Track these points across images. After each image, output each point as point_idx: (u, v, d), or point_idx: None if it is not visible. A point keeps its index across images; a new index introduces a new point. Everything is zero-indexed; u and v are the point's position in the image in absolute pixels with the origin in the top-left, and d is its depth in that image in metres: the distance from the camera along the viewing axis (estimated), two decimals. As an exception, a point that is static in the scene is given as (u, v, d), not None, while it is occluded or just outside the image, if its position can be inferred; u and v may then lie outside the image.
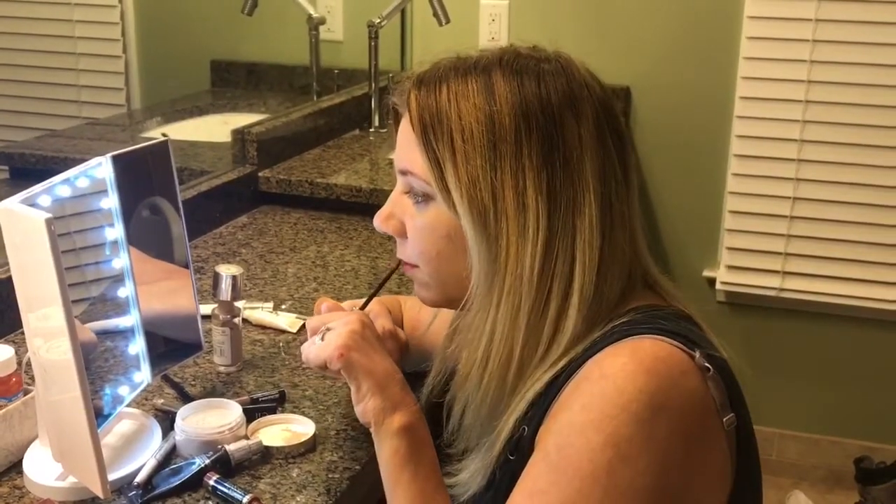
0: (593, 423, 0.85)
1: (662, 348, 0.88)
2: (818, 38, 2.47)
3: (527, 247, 0.92)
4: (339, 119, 2.44)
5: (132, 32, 2.41)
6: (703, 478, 0.89)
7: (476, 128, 0.92)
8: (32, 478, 1.06)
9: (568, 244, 0.92)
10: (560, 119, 0.92)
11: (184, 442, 1.11)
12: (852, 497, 2.57)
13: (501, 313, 0.93)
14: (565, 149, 0.92)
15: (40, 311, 0.99)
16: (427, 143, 0.94)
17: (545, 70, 0.94)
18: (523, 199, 0.91)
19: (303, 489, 1.07)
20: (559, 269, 0.92)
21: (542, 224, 0.91)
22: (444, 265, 0.99)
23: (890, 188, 2.52)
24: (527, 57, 0.96)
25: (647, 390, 0.85)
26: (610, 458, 0.84)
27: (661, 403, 0.85)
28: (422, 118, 0.95)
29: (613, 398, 0.85)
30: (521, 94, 0.92)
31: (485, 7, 2.72)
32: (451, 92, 0.94)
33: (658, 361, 0.87)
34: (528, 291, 0.92)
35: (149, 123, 2.47)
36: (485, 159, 0.91)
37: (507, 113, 0.92)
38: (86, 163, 1.07)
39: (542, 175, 0.91)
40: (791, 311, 2.69)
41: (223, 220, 1.93)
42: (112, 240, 1.09)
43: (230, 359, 1.32)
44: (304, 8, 2.52)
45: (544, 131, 0.92)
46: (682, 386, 0.87)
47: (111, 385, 1.11)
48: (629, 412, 0.84)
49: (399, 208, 1.02)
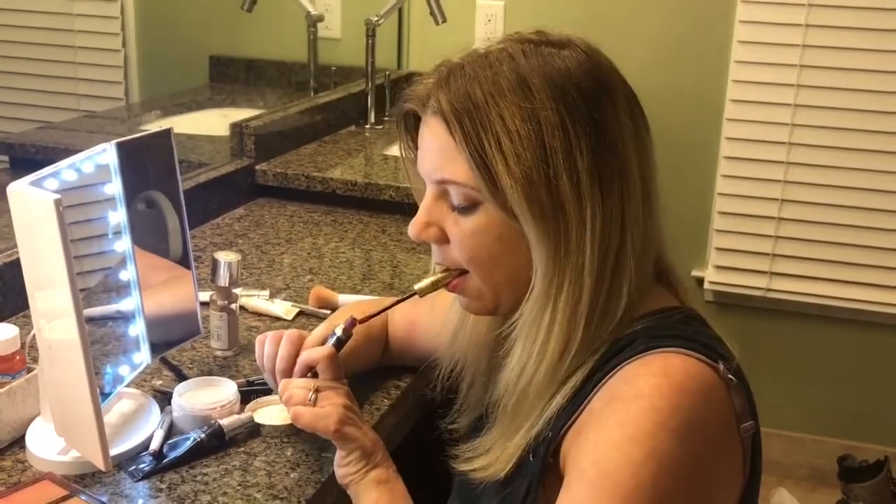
0: (632, 438, 0.86)
1: (692, 365, 0.90)
2: (808, 42, 2.52)
3: (586, 235, 0.91)
4: (336, 115, 2.47)
5: (132, 27, 2.44)
6: (723, 482, 0.92)
7: (521, 126, 0.90)
8: (35, 452, 1.09)
9: (618, 231, 0.93)
10: (598, 103, 0.92)
11: (180, 417, 1.15)
12: (835, 495, 2.61)
13: (562, 305, 0.92)
14: (609, 133, 0.92)
15: (47, 291, 1.02)
16: (473, 148, 0.91)
17: (568, 56, 0.94)
18: (578, 189, 0.91)
19: (297, 467, 1.11)
20: (611, 258, 0.93)
21: (598, 212, 0.91)
22: (498, 268, 0.97)
23: (877, 191, 2.56)
24: (546, 44, 0.95)
25: (683, 408, 0.87)
26: (653, 471, 0.85)
27: (697, 420, 0.87)
28: (461, 124, 0.92)
29: (651, 416, 0.86)
30: (556, 84, 0.91)
31: (481, 7, 2.76)
32: (485, 93, 0.91)
33: (690, 380, 0.89)
34: (589, 281, 0.92)
35: (147, 117, 2.50)
36: (536, 156, 0.90)
37: (549, 105, 0.90)
38: (91, 149, 1.11)
39: (593, 163, 0.91)
40: (778, 311, 2.74)
41: (221, 211, 1.96)
42: (115, 224, 1.13)
43: (227, 343, 1.35)
44: (303, 5, 2.55)
45: (587, 116, 0.91)
46: (712, 400, 0.89)
47: (112, 365, 1.14)
48: (668, 429, 0.86)
49: (435, 216, 0.99)
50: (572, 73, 0.92)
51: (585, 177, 0.91)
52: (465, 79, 0.93)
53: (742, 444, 0.93)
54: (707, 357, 0.91)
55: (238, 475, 1.09)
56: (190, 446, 1.11)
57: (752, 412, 0.94)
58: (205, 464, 1.11)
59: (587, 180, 0.91)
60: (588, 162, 0.91)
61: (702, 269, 2.76)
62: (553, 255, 0.92)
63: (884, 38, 2.47)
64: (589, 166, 0.91)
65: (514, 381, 0.96)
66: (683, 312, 0.98)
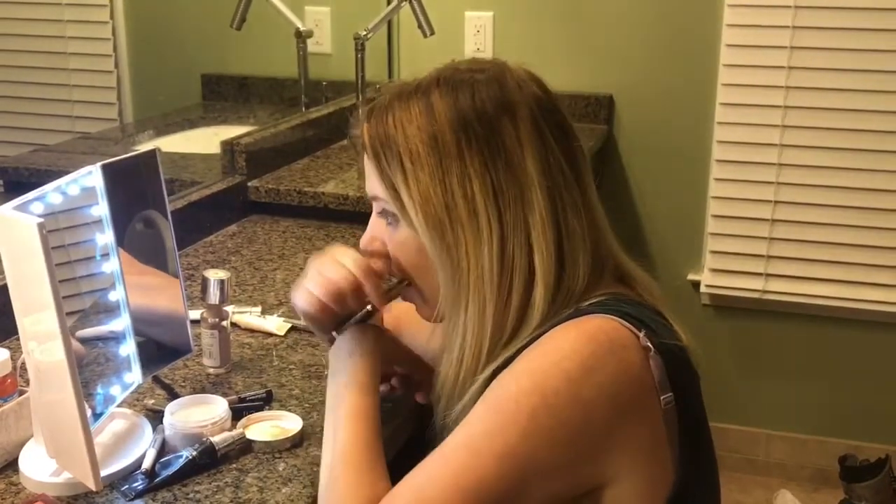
0: (526, 371, 0.94)
1: (609, 323, 0.96)
2: (796, 44, 2.53)
3: (483, 249, 0.98)
4: (328, 130, 2.49)
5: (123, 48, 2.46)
6: (625, 451, 0.93)
7: (421, 148, 0.99)
8: (28, 474, 1.10)
9: (523, 239, 0.99)
10: (496, 124, 0.99)
11: (172, 436, 1.16)
12: (838, 495, 2.61)
13: (469, 314, 1.01)
14: (505, 151, 0.98)
15: (34, 315, 1.03)
16: (381, 169, 1.02)
17: (479, 80, 1.01)
18: (473, 204, 0.98)
19: (288, 482, 1.11)
20: (518, 263, 0.99)
21: (493, 225, 0.98)
22: (426, 277, 1.05)
23: (869, 190, 2.57)
24: (462, 71, 1.03)
25: (582, 352, 0.92)
26: (535, 403, 0.91)
27: (592, 366, 0.92)
28: (374, 147, 1.02)
29: (550, 354, 0.94)
30: (456, 108, 0.99)
31: (470, 19, 2.77)
32: (395, 119, 1.01)
33: (600, 332, 0.94)
34: (490, 290, 0.99)
35: (141, 137, 2.51)
36: (432, 176, 0.99)
37: (447, 128, 0.99)
38: (76, 171, 1.12)
39: (487, 179, 0.98)
40: (775, 312, 2.74)
41: (213, 228, 1.97)
42: (102, 245, 1.14)
43: (219, 361, 1.36)
44: (293, 21, 2.57)
45: (483, 139, 0.98)
46: (619, 356, 0.93)
47: (103, 385, 1.15)
48: (560, 368, 0.92)
49: (378, 230, 1.09)
50: (475, 96, 1.00)
51: (480, 196, 0.98)
52: (384, 107, 1.03)
53: (665, 422, 0.95)
54: (631, 325, 0.95)
55: (230, 492, 1.10)
56: (182, 464, 1.11)
57: (677, 391, 0.95)
58: (197, 481, 1.11)
59: (482, 199, 0.98)
60: (482, 179, 0.98)
61: (698, 273, 2.77)
62: (455, 268, 1.00)
63: (871, 37, 2.48)
64: (483, 183, 0.98)
65: (443, 385, 1.05)
66: (638, 300, 1.02)
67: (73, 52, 2.43)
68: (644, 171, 2.76)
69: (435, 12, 2.51)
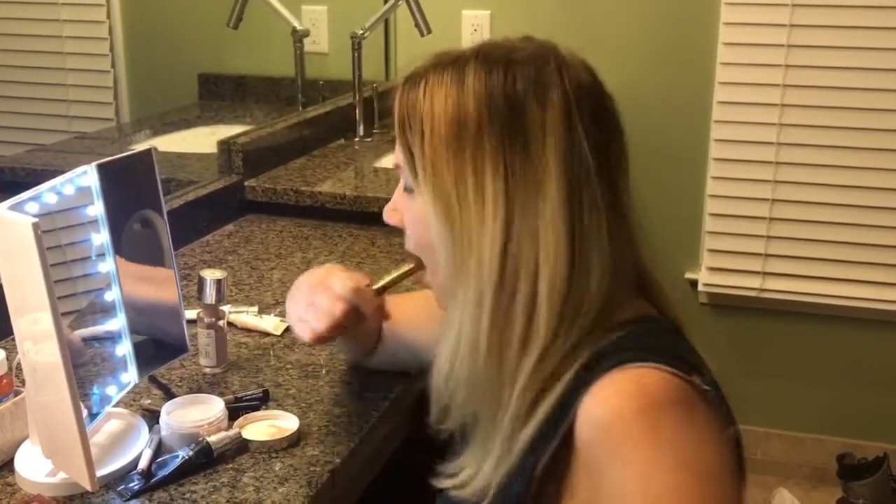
0: (645, 479, 0.86)
1: (667, 381, 0.89)
2: (793, 42, 2.53)
3: (485, 231, 0.92)
4: (325, 129, 2.48)
5: (120, 47, 2.45)
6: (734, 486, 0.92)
7: (444, 119, 0.94)
8: (24, 475, 1.10)
9: (529, 229, 0.92)
10: (522, 106, 0.93)
11: (168, 436, 1.16)
12: (836, 493, 2.61)
13: (465, 302, 0.94)
14: (525, 134, 0.92)
15: (30, 316, 1.03)
16: (402, 135, 0.97)
17: (516, 59, 0.95)
18: (482, 184, 0.92)
19: (285, 482, 1.11)
20: (522, 254, 0.92)
21: (499, 209, 0.92)
22: (432, 258, 1.00)
23: (866, 188, 2.57)
24: (503, 47, 0.98)
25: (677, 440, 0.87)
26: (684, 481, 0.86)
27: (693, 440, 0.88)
28: (400, 114, 0.97)
29: (647, 452, 0.86)
30: (486, 84, 0.94)
31: (467, 17, 2.77)
32: (427, 87, 0.96)
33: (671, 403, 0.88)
34: (489, 278, 0.92)
35: (137, 136, 2.51)
36: (448, 147, 0.94)
37: (472, 103, 0.93)
38: (72, 171, 1.11)
39: (500, 159, 0.92)
40: (772, 311, 2.74)
41: (210, 228, 1.97)
42: (98, 245, 1.13)
43: (215, 360, 1.36)
44: (289, 21, 2.56)
45: (505, 119, 0.93)
46: (697, 412, 0.89)
47: (99, 385, 1.15)
48: (677, 464, 0.86)
49: (400, 203, 1.05)
50: (507, 74, 0.94)
51: (490, 176, 0.92)
52: (419, 74, 0.98)
53: (730, 450, 0.93)
54: (681, 371, 0.90)
55: (226, 492, 1.09)
56: (178, 464, 1.11)
57: (730, 418, 0.94)
58: (193, 481, 1.11)
59: (491, 176, 0.92)
60: (495, 159, 0.92)
61: (695, 272, 2.76)
62: (455, 248, 0.94)
63: (868, 35, 2.48)
64: (495, 163, 0.92)
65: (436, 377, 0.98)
66: (652, 323, 0.98)
67: (70, 52, 2.43)
68: (641, 168, 2.73)
69: (432, 11, 2.51)
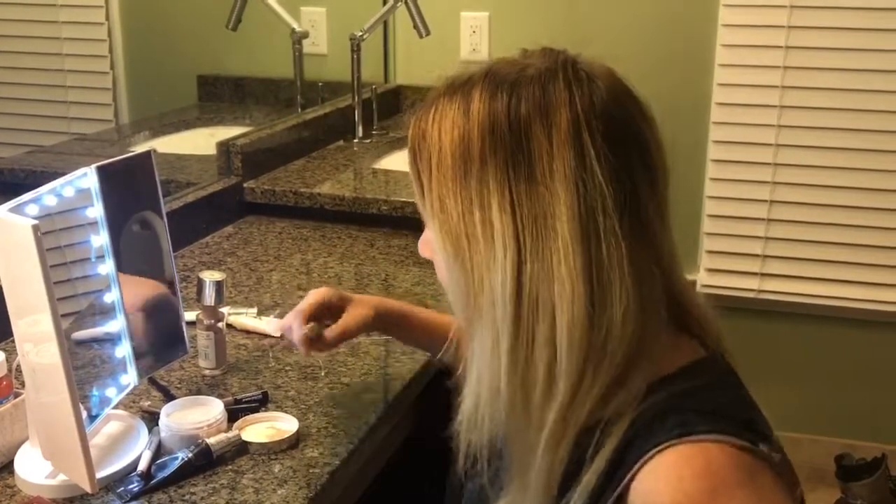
0: None
1: (732, 456, 0.85)
2: (791, 44, 2.53)
3: (496, 269, 0.85)
4: (324, 130, 2.49)
5: (119, 49, 2.45)
6: None
7: (449, 150, 0.88)
8: (24, 476, 1.10)
9: (542, 265, 0.85)
10: (527, 131, 0.86)
11: (168, 438, 1.16)
12: (834, 494, 2.61)
13: (482, 344, 0.88)
14: (531, 161, 0.85)
15: (29, 317, 1.03)
16: (413, 165, 0.92)
17: (523, 78, 0.88)
18: (489, 217, 0.86)
19: (284, 483, 1.12)
20: (537, 292, 0.85)
21: (509, 244, 0.85)
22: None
23: (865, 189, 2.57)
24: (512, 65, 0.90)
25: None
26: None
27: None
28: (412, 143, 0.92)
29: None
30: (491, 108, 0.87)
31: (465, 19, 2.77)
32: (436, 112, 0.90)
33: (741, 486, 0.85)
34: (504, 319, 0.85)
35: (137, 138, 2.50)
36: (454, 180, 0.88)
37: (476, 132, 0.87)
38: (72, 173, 1.12)
39: (506, 191, 0.86)
40: (770, 312, 2.74)
41: (209, 230, 1.97)
42: (98, 247, 1.14)
43: (214, 362, 1.36)
44: (288, 22, 2.56)
45: (508, 147, 0.86)
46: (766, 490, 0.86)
47: (99, 387, 1.15)
48: None
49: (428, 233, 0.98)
50: (512, 96, 0.87)
51: (497, 211, 0.86)
52: (431, 100, 0.92)
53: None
54: (750, 441, 0.86)
55: (226, 493, 1.10)
56: (178, 466, 1.11)
57: (795, 479, 0.92)
58: (193, 483, 1.11)
59: (498, 209, 0.86)
60: (501, 190, 0.86)
61: (694, 273, 2.77)
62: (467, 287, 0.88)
63: (867, 37, 2.48)
64: (501, 195, 0.86)
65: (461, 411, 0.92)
66: (709, 372, 0.94)
67: (69, 54, 2.42)
68: (640, 170, 2.76)
69: (431, 12, 2.51)
